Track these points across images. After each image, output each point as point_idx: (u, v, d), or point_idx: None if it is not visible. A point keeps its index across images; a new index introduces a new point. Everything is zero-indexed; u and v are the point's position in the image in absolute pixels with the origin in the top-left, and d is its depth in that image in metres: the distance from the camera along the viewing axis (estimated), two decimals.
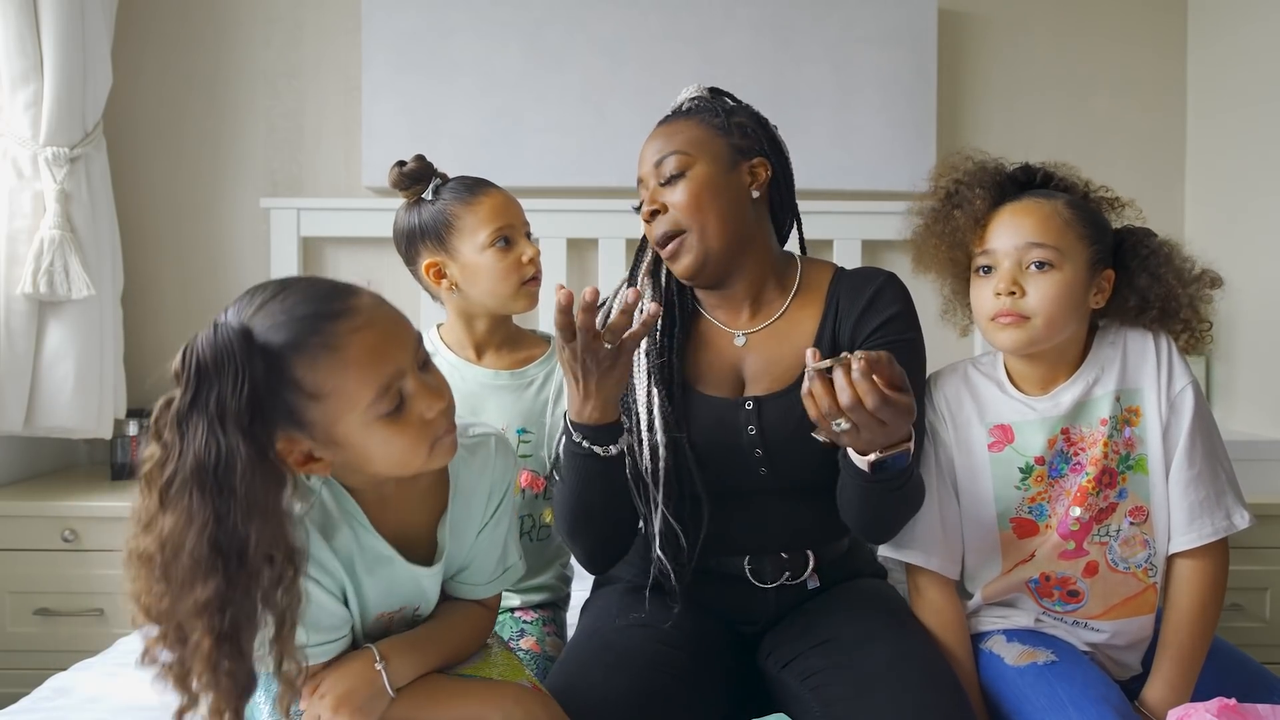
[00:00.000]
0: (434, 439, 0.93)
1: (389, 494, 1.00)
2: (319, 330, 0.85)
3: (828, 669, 1.16)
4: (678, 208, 1.24)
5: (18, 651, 2.05)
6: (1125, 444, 1.25)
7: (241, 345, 0.82)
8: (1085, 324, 1.27)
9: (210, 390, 0.81)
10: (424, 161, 1.47)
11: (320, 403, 0.86)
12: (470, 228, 1.42)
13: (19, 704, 1.34)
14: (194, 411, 0.81)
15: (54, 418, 2.13)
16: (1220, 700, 1.03)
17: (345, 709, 0.95)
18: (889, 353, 1.01)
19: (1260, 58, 2.31)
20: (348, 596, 1.00)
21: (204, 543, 0.80)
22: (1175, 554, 1.24)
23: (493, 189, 1.46)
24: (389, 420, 0.89)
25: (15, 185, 2.10)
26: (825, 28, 2.49)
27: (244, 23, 2.55)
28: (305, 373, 0.85)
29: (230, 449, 0.80)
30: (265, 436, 0.83)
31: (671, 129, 1.28)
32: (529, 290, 1.45)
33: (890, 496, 1.13)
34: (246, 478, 0.81)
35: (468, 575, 1.12)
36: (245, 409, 0.81)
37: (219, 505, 0.80)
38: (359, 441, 0.89)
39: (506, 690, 1.04)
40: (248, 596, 0.82)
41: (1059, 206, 1.23)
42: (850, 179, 2.49)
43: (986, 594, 1.30)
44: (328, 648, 0.98)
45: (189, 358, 0.82)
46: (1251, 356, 2.36)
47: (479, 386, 1.47)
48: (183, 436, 0.81)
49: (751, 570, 1.28)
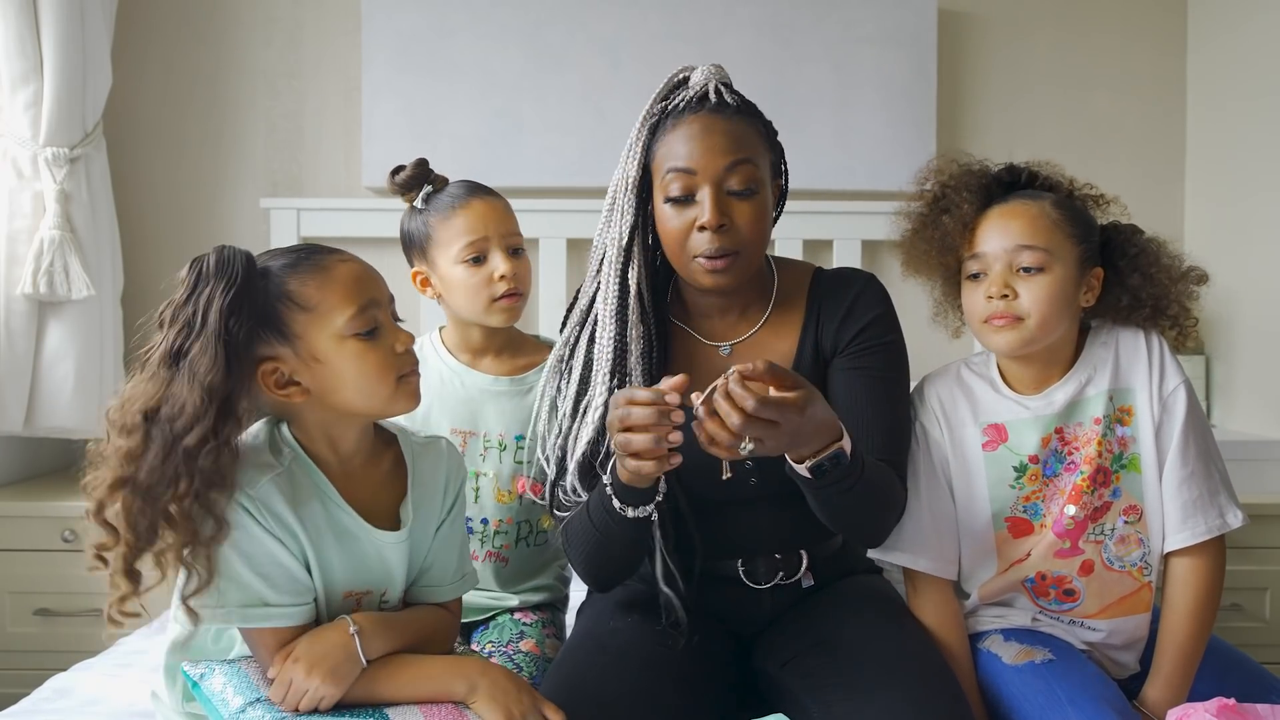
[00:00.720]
0: (399, 374, 1.03)
1: (354, 470, 1.08)
2: (311, 257, 1.02)
3: (825, 669, 1.16)
4: (746, 228, 1.17)
5: (18, 652, 2.05)
6: (1119, 443, 1.25)
7: (244, 261, 0.97)
8: (1076, 323, 1.27)
9: (204, 288, 0.96)
10: (419, 168, 1.44)
11: (306, 313, 0.99)
12: (445, 241, 1.40)
13: (19, 705, 1.34)
14: (185, 305, 0.96)
15: (54, 418, 2.14)
16: (1220, 700, 1.03)
17: (318, 671, 0.98)
18: (767, 360, 0.98)
19: (1260, 56, 2.31)
20: (310, 565, 1.03)
21: (139, 411, 0.94)
22: (1171, 553, 1.24)
23: (475, 200, 1.42)
24: (362, 341, 1.01)
25: (15, 185, 2.10)
26: (825, 28, 2.49)
27: (244, 23, 2.55)
28: (297, 286, 0.99)
29: (198, 334, 0.94)
30: (239, 336, 0.95)
31: (735, 129, 1.19)
32: (503, 305, 1.41)
33: (846, 498, 1.09)
34: (199, 356, 0.93)
35: (430, 577, 1.15)
36: (228, 306, 0.94)
37: (170, 379, 0.94)
38: (334, 358, 1.00)
39: (472, 662, 1.06)
40: (164, 458, 0.93)
41: (1046, 207, 1.23)
42: (850, 179, 2.49)
43: (983, 594, 1.30)
44: (288, 610, 1.01)
45: (195, 264, 0.97)
46: (1251, 356, 2.36)
47: (478, 392, 1.46)
48: (170, 324, 0.96)
49: (745, 572, 1.27)
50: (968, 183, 1.28)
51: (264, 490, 0.99)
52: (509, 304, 1.41)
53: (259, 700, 1.01)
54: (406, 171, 1.44)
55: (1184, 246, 1.32)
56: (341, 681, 0.99)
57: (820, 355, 1.26)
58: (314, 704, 0.99)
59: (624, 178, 1.23)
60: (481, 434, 1.44)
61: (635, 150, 1.23)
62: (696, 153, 1.17)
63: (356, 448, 1.08)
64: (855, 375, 1.23)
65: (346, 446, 1.07)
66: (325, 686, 0.98)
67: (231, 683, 1.03)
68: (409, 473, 1.12)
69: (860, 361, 1.24)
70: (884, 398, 1.24)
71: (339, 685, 0.99)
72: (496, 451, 1.43)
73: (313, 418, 1.04)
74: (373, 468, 1.10)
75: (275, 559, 1.00)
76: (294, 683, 0.98)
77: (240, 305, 0.95)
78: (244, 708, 1.00)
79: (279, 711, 0.99)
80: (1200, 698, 1.10)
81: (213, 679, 1.03)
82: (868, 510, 1.18)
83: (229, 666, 1.05)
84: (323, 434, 1.05)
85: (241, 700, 1.01)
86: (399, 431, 1.15)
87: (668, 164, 1.19)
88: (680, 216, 1.19)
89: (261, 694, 1.01)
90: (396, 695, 1.02)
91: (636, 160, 1.23)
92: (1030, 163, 1.32)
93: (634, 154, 1.23)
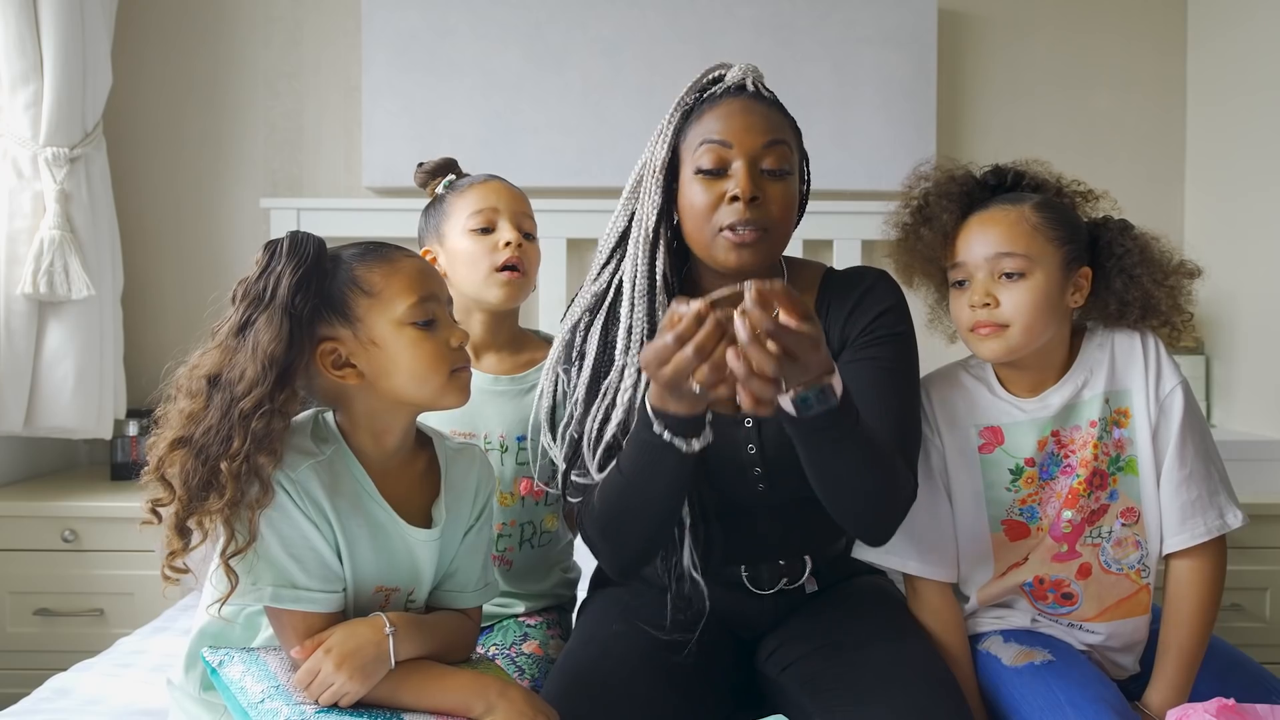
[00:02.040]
0: (453, 367, 1.06)
1: (391, 469, 1.09)
2: (380, 250, 1.07)
3: (827, 674, 1.16)
4: (776, 207, 1.16)
5: (18, 652, 2.05)
6: (1115, 445, 1.25)
7: (315, 246, 1.03)
8: (1067, 324, 1.27)
9: (274, 268, 1.01)
10: (446, 161, 1.50)
11: (369, 298, 1.04)
12: (457, 211, 1.43)
13: (19, 704, 1.34)
14: (257, 281, 1.01)
15: (54, 418, 2.14)
16: (1219, 700, 1.03)
17: (348, 667, 0.98)
18: (784, 283, 0.92)
19: (1260, 55, 2.31)
20: (341, 554, 1.04)
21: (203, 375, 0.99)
22: (1171, 555, 1.24)
23: (493, 180, 1.46)
24: (419, 330, 1.04)
25: (15, 185, 2.10)
26: (825, 28, 2.49)
27: (244, 23, 2.55)
28: (363, 272, 1.04)
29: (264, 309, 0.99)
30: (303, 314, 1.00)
31: (772, 115, 1.19)
32: (504, 279, 1.40)
33: (833, 447, 1.03)
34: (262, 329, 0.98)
35: (455, 582, 1.15)
36: (296, 285, 0.99)
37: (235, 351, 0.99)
38: (392, 344, 1.04)
39: (491, 682, 1.06)
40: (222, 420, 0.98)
41: (1026, 212, 1.22)
42: (850, 179, 2.49)
43: (982, 598, 1.30)
44: (317, 595, 1.01)
45: (270, 245, 1.03)
46: (1251, 356, 2.36)
47: (476, 392, 1.40)
48: (240, 300, 1.01)
49: (749, 577, 1.27)
50: (948, 191, 1.28)
51: (304, 474, 1.01)
52: (510, 278, 1.40)
53: (278, 689, 1.00)
54: (433, 160, 1.50)
55: (1184, 246, 1.31)
56: (368, 680, 0.99)
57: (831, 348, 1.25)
58: (336, 698, 0.98)
59: (651, 160, 1.22)
60: (481, 435, 1.43)
61: (666, 134, 1.21)
62: (734, 128, 1.16)
63: (399, 443, 1.09)
64: (863, 365, 1.20)
65: (390, 440, 1.08)
66: (351, 683, 0.98)
67: (251, 671, 1.03)
68: (442, 475, 1.13)
69: (868, 352, 1.21)
70: (892, 388, 1.20)
71: (365, 684, 0.99)
72: (497, 454, 1.42)
73: (362, 406, 1.06)
74: (409, 466, 1.12)
75: (309, 542, 1.01)
76: (322, 673, 0.98)
77: (308, 283, 1.01)
78: (262, 698, 1.00)
79: (297, 703, 0.99)
80: (1200, 698, 1.10)
81: (231, 666, 1.04)
82: (863, 474, 1.07)
83: (248, 655, 1.05)
84: (369, 424, 1.07)
85: (260, 689, 1.01)
86: (435, 435, 1.16)
87: (701, 138, 1.17)
88: (710, 189, 1.16)
89: (280, 683, 1.01)
90: (416, 703, 1.02)
91: (666, 143, 1.21)
92: (1018, 161, 1.32)
93: (664, 137, 1.21)
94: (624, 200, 1.25)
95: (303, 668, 1.00)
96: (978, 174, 1.31)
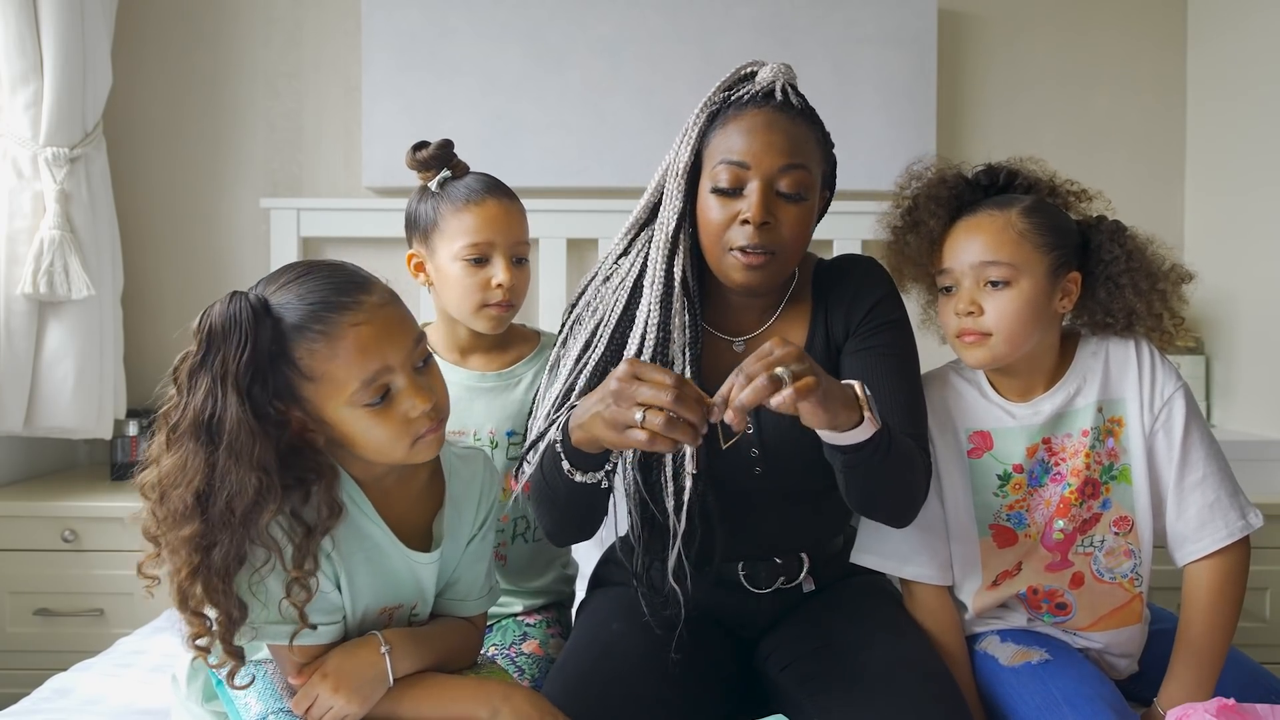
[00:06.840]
0: (415, 436, 0.99)
1: (390, 486, 1.06)
2: (322, 318, 0.93)
3: (825, 674, 1.16)
4: (788, 231, 1.16)
5: (18, 652, 2.05)
6: (1108, 454, 1.24)
7: (249, 317, 0.91)
8: (1056, 329, 1.26)
9: (217, 352, 0.90)
10: (443, 149, 1.41)
11: (313, 383, 0.94)
12: (450, 233, 1.37)
13: (19, 704, 1.34)
14: (201, 369, 0.91)
15: (54, 418, 2.14)
16: (1220, 700, 1.03)
17: (344, 690, 0.98)
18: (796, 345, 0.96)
19: (1260, 55, 2.31)
20: (340, 585, 1.02)
21: (190, 493, 0.90)
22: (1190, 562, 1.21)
23: (490, 200, 1.38)
24: (372, 410, 0.96)
25: (15, 185, 2.10)
26: (825, 28, 2.49)
27: (244, 23, 2.55)
28: (303, 355, 0.93)
29: (225, 407, 0.89)
30: (264, 399, 0.92)
31: (796, 131, 1.17)
32: (490, 314, 1.38)
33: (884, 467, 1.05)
34: (236, 433, 0.89)
35: (457, 590, 1.14)
36: (244, 372, 0.90)
37: (210, 456, 0.90)
38: (344, 424, 0.97)
39: (495, 687, 1.05)
40: (232, 538, 0.91)
41: (1013, 218, 1.21)
42: (850, 179, 2.45)
43: (977, 608, 1.29)
44: (318, 630, 1.00)
45: (204, 321, 0.92)
46: (1251, 356, 2.35)
47: (463, 390, 1.42)
48: (190, 390, 0.91)
49: (746, 576, 1.27)
50: (937, 195, 1.27)
51: None
52: (499, 313, 1.39)
53: (280, 710, 1.00)
54: (429, 150, 1.41)
55: (1184, 246, 1.30)
56: (366, 701, 0.99)
57: (831, 343, 1.25)
58: None
59: (675, 162, 1.21)
60: (470, 432, 1.42)
61: (690, 135, 1.21)
62: (754, 148, 1.15)
63: (393, 466, 1.05)
64: (869, 355, 1.22)
65: (381, 467, 1.04)
66: (350, 705, 0.98)
67: (255, 688, 1.03)
68: (446, 485, 1.11)
69: (872, 341, 1.23)
70: (899, 373, 1.22)
71: (363, 705, 0.99)
72: (488, 449, 1.41)
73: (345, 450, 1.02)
74: (410, 482, 1.08)
75: None
76: (319, 698, 0.98)
77: (256, 368, 0.91)
78: (265, 716, 1.00)
79: None
80: None
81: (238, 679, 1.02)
82: (902, 478, 1.12)
83: (255, 668, 1.05)
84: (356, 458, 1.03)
85: (262, 708, 1.01)
86: None
87: (720, 155, 1.17)
88: (724, 208, 1.16)
89: (283, 704, 1.01)
90: (417, 716, 1.02)
91: (690, 145, 1.20)
92: (1011, 160, 1.31)
93: (689, 139, 1.21)
94: (646, 197, 1.25)
95: (300, 692, 0.99)
96: (969, 174, 1.30)
